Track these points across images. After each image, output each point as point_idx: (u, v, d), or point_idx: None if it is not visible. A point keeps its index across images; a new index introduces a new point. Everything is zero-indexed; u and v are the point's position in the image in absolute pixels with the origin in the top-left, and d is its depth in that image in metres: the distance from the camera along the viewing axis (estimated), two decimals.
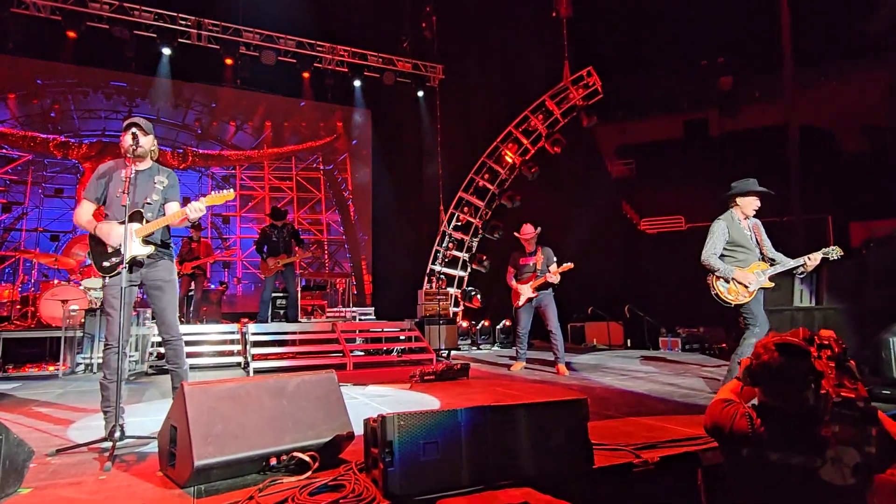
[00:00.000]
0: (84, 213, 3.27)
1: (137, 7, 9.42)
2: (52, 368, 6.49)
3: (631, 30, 9.69)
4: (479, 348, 9.48)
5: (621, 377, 5.50)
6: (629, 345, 9.06)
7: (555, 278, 5.97)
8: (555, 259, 6.17)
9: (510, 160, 10.69)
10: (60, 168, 10.24)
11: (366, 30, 11.22)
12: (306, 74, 10.99)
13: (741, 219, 4.27)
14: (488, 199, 10.91)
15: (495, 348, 9.55)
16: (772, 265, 4.17)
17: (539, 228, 6.31)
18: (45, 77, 10.16)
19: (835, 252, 4.06)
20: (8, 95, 9.88)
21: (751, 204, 4.27)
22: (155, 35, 9.62)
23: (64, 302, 6.46)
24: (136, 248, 3.14)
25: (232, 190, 3.22)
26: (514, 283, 6.34)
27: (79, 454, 2.84)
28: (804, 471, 1.70)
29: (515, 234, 6.45)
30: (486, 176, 10.87)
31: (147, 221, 3.18)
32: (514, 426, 2.25)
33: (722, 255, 4.23)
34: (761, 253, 4.26)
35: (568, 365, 6.04)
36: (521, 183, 10.67)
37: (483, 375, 5.89)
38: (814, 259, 4.03)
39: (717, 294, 4.20)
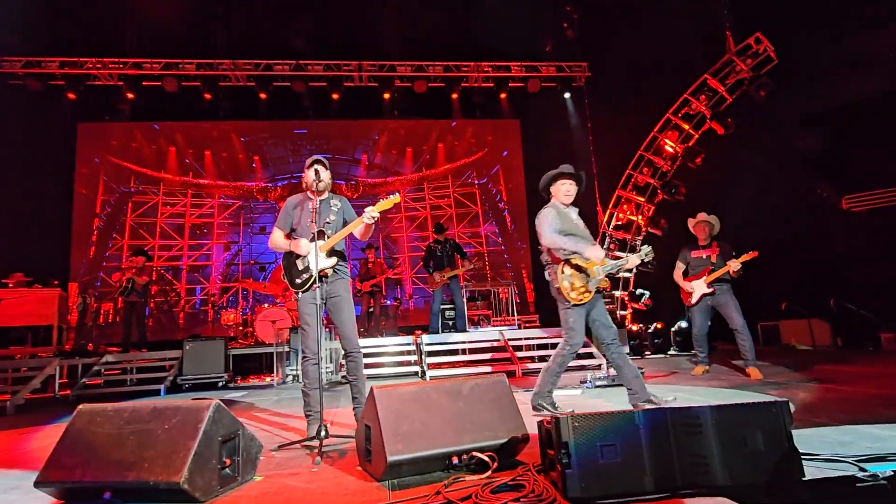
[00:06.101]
0: (277, 236, 3.76)
1: (311, 62, 10.91)
2: (268, 379, 7.64)
3: None
4: (652, 353, 8.89)
5: (830, 379, 4.73)
6: (839, 344, 7.74)
7: (736, 266, 5.33)
8: (734, 254, 5.54)
9: (671, 150, 9.94)
10: (262, 209, 12.11)
11: (507, 41, 11.43)
12: (454, 95, 11.59)
13: (563, 206, 4.02)
14: (649, 194, 10.26)
15: (671, 352, 8.86)
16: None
17: (713, 216, 5.76)
18: (246, 135, 12.17)
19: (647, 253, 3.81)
20: (221, 155, 12.01)
21: (559, 190, 4.03)
22: (325, 84, 11.03)
23: (273, 322, 7.59)
24: (322, 262, 3.56)
25: (397, 194, 3.52)
26: (681, 279, 5.80)
27: (294, 450, 3.30)
28: None
29: (690, 220, 5.89)
30: (646, 170, 10.24)
31: (328, 237, 3.62)
32: (700, 429, 2.09)
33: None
34: None
35: (761, 368, 5.36)
36: (687, 172, 9.84)
37: (660, 380, 5.51)
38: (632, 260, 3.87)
39: (558, 289, 3.80)
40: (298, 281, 3.63)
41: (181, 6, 10.04)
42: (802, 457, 2.12)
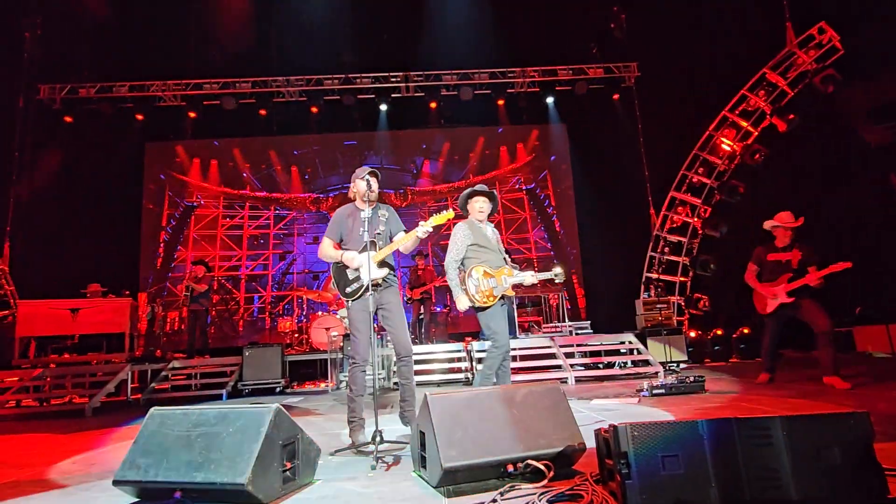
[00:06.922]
0: (326, 247, 3.81)
1: (358, 75, 11.21)
2: (323, 385, 7.83)
3: None
4: (712, 360, 8.52)
5: None
6: None
7: (818, 279, 4.85)
8: (815, 260, 5.01)
9: (728, 148, 9.55)
10: (315, 219, 12.47)
11: (553, 46, 11.37)
12: (501, 102, 11.63)
13: (478, 222, 4.20)
14: (706, 195, 9.88)
15: (732, 360, 8.47)
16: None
17: (802, 219, 5.14)
18: (299, 148, 12.59)
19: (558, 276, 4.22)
20: (276, 168, 12.47)
21: (473, 208, 4.20)
22: (374, 96, 11.33)
23: (327, 329, 7.78)
24: (374, 272, 3.61)
25: (451, 210, 3.55)
26: (757, 283, 5.28)
27: (350, 454, 3.36)
28: None
29: (767, 222, 5.29)
30: (701, 170, 9.88)
31: (379, 249, 3.68)
32: (770, 441, 1.99)
33: (467, 257, 4.11)
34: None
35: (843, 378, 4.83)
36: (746, 172, 9.41)
37: (722, 389, 5.26)
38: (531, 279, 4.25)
39: (464, 290, 4.03)
40: (349, 290, 3.71)
41: (237, 28, 10.55)
42: (887, 473, 1.98)
